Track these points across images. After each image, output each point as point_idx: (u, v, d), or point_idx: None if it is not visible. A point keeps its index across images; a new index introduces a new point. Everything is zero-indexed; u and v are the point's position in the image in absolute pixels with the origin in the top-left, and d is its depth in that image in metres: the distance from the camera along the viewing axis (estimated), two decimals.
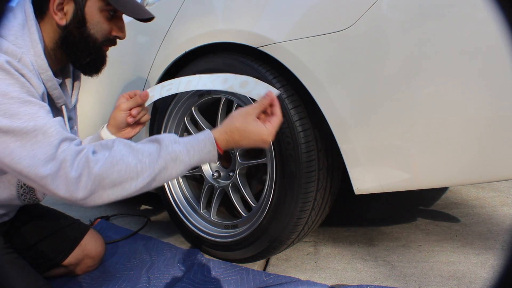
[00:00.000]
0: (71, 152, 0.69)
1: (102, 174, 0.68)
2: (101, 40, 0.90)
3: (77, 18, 0.85)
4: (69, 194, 0.68)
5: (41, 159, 0.67)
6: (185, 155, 0.74)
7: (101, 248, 1.24)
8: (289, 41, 0.93)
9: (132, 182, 0.70)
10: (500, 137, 0.76)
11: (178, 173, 0.75)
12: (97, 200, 0.70)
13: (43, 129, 0.69)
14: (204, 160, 0.78)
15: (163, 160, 0.72)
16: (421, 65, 0.79)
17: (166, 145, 0.74)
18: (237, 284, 1.06)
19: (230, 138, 0.78)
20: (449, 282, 1.01)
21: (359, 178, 0.90)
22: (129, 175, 0.70)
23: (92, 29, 0.87)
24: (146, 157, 0.72)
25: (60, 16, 0.84)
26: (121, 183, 0.70)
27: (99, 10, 0.87)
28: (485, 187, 1.86)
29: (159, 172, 0.72)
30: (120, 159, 0.70)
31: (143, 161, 0.71)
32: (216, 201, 1.26)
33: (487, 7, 0.70)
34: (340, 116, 0.89)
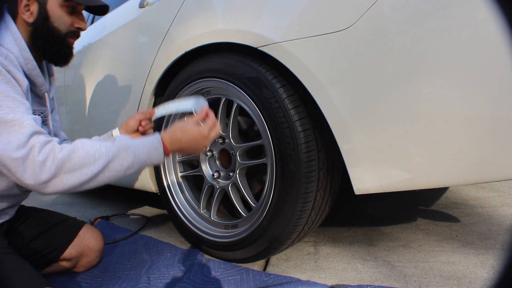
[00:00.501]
0: (41, 141, 0.80)
1: (64, 159, 0.80)
2: (64, 31, 1.03)
3: (41, 15, 1.00)
4: (34, 177, 0.78)
5: (14, 145, 0.78)
6: (135, 147, 0.88)
7: (100, 239, 1.25)
8: (289, 41, 0.93)
9: (89, 167, 0.82)
10: (500, 137, 0.76)
11: (129, 164, 0.87)
12: (57, 185, 0.80)
13: (20, 121, 0.81)
14: (152, 156, 0.91)
15: (116, 148, 0.86)
16: (421, 65, 0.79)
17: (120, 139, 0.89)
18: (237, 284, 1.06)
19: (173, 135, 0.94)
20: (449, 282, 1.01)
21: (359, 178, 0.90)
22: (87, 161, 0.82)
23: (55, 22, 1.01)
24: (103, 147, 0.85)
25: (28, 15, 0.99)
26: (80, 168, 0.81)
27: (59, 5, 1.02)
28: (485, 187, 1.86)
29: (112, 159, 0.85)
30: (81, 147, 0.83)
31: (100, 150, 0.84)
32: (216, 201, 1.26)
33: (487, 7, 0.70)
34: (340, 116, 0.89)
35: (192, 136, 0.94)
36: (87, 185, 0.84)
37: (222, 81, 1.12)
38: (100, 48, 1.76)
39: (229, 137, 1.16)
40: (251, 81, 1.04)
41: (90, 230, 1.24)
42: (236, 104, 1.13)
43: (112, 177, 0.86)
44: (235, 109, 1.13)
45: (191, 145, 0.95)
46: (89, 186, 0.84)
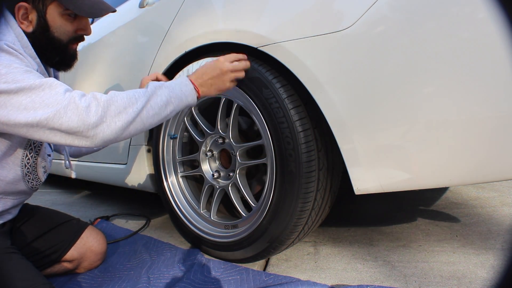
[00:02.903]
0: (77, 93, 0.81)
1: (108, 101, 0.81)
2: (66, 40, 1.00)
3: (40, 25, 0.95)
4: (82, 122, 0.78)
5: (52, 104, 0.78)
6: (168, 85, 0.92)
7: (103, 242, 1.25)
8: (289, 41, 0.93)
9: (133, 107, 0.84)
10: (500, 137, 0.76)
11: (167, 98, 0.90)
12: (106, 130, 0.80)
13: (48, 83, 0.80)
14: (185, 93, 0.94)
15: (151, 89, 0.89)
16: (421, 65, 0.79)
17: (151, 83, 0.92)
18: (237, 284, 1.06)
19: (196, 72, 0.99)
20: (449, 282, 1.01)
21: (359, 178, 0.90)
22: (129, 101, 0.84)
23: (56, 32, 0.97)
24: (139, 90, 0.89)
25: (26, 24, 0.94)
26: (124, 108, 0.83)
27: (59, 14, 0.96)
28: (485, 187, 1.86)
29: (150, 96, 0.87)
30: (119, 93, 0.85)
31: (138, 91, 0.87)
32: (216, 201, 1.26)
33: (487, 7, 0.70)
34: (340, 116, 0.89)
35: (211, 66, 0.98)
36: (133, 126, 0.84)
37: None
38: (100, 48, 1.76)
39: (229, 137, 1.16)
40: (251, 81, 1.04)
41: (94, 232, 1.24)
42: (236, 104, 1.13)
43: (155, 115, 0.88)
44: (235, 109, 1.13)
45: (214, 75, 0.98)
46: (134, 128, 0.85)
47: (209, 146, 1.28)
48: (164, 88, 0.91)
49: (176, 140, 1.35)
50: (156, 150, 1.38)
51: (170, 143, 1.36)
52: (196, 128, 1.31)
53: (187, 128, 1.31)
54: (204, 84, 0.98)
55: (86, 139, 0.80)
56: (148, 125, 0.88)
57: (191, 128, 1.29)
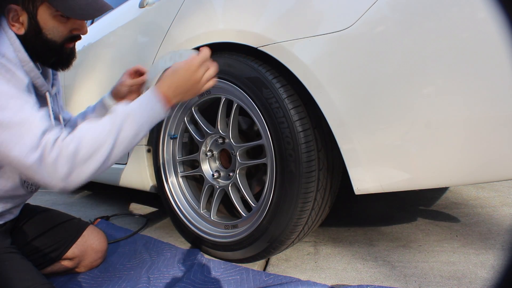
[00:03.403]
0: (51, 140, 0.79)
1: (74, 153, 0.78)
2: (60, 41, 0.95)
3: (32, 27, 0.91)
4: (51, 178, 0.78)
5: (28, 148, 0.76)
6: (136, 112, 0.87)
7: (103, 240, 1.25)
8: (289, 41, 0.93)
9: (100, 151, 0.81)
10: (500, 137, 0.76)
11: (135, 131, 0.86)
12: (77, 178, 0.80)
13: (29, 120, 0.79)
14: (155, 112, 0.89)
15: (119, 120, 0.84)
16: (421, 65, 0.79)
17: (117, 108, 0.87)
18: (237, 284, 1.06)
19: (166, 80, 0.91)
20: (449, 282, 1.01)
21: (359, 178, 0.90)
22: (96, 146, 0.81)
23: (49, 34, 0.92)
24: (105, 124, 0.83)
25: (18, 27, 0.90)
26: (92, 155, 0.80)
27: (51, 16, 0.91)
28: (485, 187, 1.86)
29: (118, 134, 0.83)
30: (85, 133, 0.81)
31: (104, 129, 0.83)
32: (216, 201, 1.26)
33: (487, 7, 0.70)
34: (340, 116, 0.89)
35: (182, 73, 0.90)
36: (105, 165, 0.83)
37: (222, 81, 1.12)
38: (100, 48, 1.76)
39: (229, 137, 1.16)
40: (251, 81, 1.04)
41: (95, 231, 1.24)
42: (236, 104, 1.13)
43: (125, 148, 0.86)
44: (235, 109, 1.13)
45: (186, 83, 0.91)
46: (108, 165, 0.84)
47: (209, 146, 1.28)
48: (131, 120, 0.85)
49: (176, 140, 1.35)
50: (156, 150, 1.38)
51: (170, 143, 1.36)
52: (196, 128, 1.31)
53: (187, 128, 1.31)
54: (177, 95, 0.92)
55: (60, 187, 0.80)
56: (121, 155, 0.87)
57: (191, 128, 1.29)
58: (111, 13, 1.74)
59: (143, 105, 0.88)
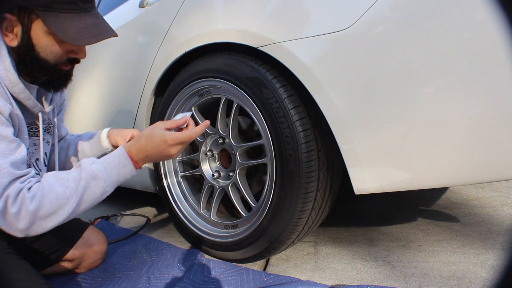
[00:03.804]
0: (15, 191, 0.77)
1: (35, 209, 0.77)
2: (54, 62, 0.87)
3: (24, 41, 0.83)
4: (13, 229, 0.78)
5: None
6: (103, 172, 0.85)
7: (103, 241, 1.25)
8: (289, 41, 0.93)
9: (64, 208, 0.81)
10: (500, 137, 0.76)
11: (102, 191, 0.86)
12: (38, 230, 0.80)
13: None
14: (123, 174, 0.88)
15: (84, 180, 0.83)
16: (421, 65, 0.79)
17: (85, 167, 0.85)
18: (237, 284, 1.06)
19: (138, 145, 0.89)
20: (449, 282, 1.01)
21: (359, 178, 0.90)
22: (60, 202, 0.80)
23: (42, 52, 0.85)
24: (71, 182, 0.82)
25: (11, 38, 0.83)
26: (55, 211, 0.80)
27: (45, 33, 0.83)
28: (485, 187, 1.86)
29: (83, 192, 0.83)
30: (49, 190, 0.79)
31: (69, 186, 0.82)
32: (216, 201, 1.26)
33: (487, 7, 0.70)
34: (340, 116, 0.89)
35: (155, 144, 0.89)
36: (68, 219, 0.83)
37: (222, 81, 1.12)
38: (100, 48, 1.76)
39: (229, 137, 1.16)
40: (251, 81, 1.04)
41: (94, 232, 1.24)
42: (236, 104, 1.13)
43: (89, 206, 0.86)
44: (235, 109, 1.13)
45: (157, 155, 0.90)
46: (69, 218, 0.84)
47: (209, 146, 1.28)
48: (98, 180, 0.84)
49: None
50: None
51: None
52: None
53: None
54: (145, 161, 0.91)
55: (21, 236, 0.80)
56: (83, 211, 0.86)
57: None
58: (111, 13, 1.74)
59: (111, 165, 0.87)
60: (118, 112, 1.58)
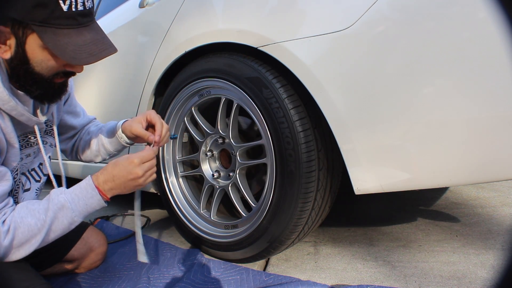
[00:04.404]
0: None
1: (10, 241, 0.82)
2: (49, 75, 0.83)
3: (18, 55, 0.79)
4: None
5: None
6: (70, 202, 0.87)
7: (103, 242, 1.25)
8: (289, 41, 0.93)
9: (36, 238, 0.85)
10: (500, 137, 0.76)
11: (70, 220, 0.88)
12: (13, 257, 0.85)
13: None
14: (91, 205, 0.89)
15: (52, 211, 0.85)
16: (421, 65, 0.79)
17: (53, 198, 0.87)
18: (237, 284, 1.06)
19: (106, 173, 0.90)
20: (449, 282, 1.01)
21: (359, 178, 0.90)
22: (32, 233, 0.84)
23: (37, 67, 0.81)
24: (41, 213, 0.85)
25: (4, 49, 0.78)
26: (27, 241, 0.84)
27: (41, 47, 0.78)
28: (485, 187, 1.86)
29: (51, 223, 0.86)
30: (21, 222, 0.83)
31: (40, 218, 0.85)
32: (216, 201, 1.26)
33: (487, 7, 0.70)
34: (340, 116, 0.89)
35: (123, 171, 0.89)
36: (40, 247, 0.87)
37: (222, 81, 1.12)
38: None
39: (229, 137, 1.16)
40: (251, 81, 1.04)
41: (94, 233, 1.24)
42: (236, 104, 1.13)
43: (59, 235, 0.89)
44: (235, 109, 1.13)
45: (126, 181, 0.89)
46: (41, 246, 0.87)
47: (209, 146, 1.28)
48: (66, 210, 0.86)
49: (176, 140, 1.35)
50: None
51: (170, 143, 1.36)
52: (196, 128, 1.31)
53: (187, 128, 1.31)
54: (115, 188, 0.90)
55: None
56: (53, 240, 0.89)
57: (191, 128, 1.29)
58: (111, 13, 1.74)
59: (79, 196, 0.88)
60: (118, 112, 1.58)
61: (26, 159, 0.97)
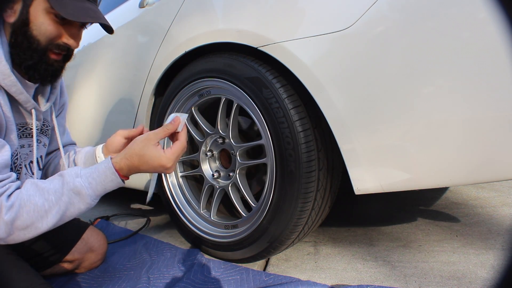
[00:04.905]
0: None
1: (12, 220, 0.75)
2: (44, 43, 0.85)
3: (21, 17, 0.83)
4: None
5: None
6: (88, 188, 0.81)
7: (103, 242, 1.25)
8: (289, 41, 0.93)
9: (42, 221, 0.78)
10: (500, 137, 0.76)
11: (87, 205, 0.82)
12: (16, 239, 0.78)
13: None
14: (109, 189, 0.84)
15: (67, 196, 0.79)
16: (421, 65, 0.79)
17: (67, 181, 0.80)
18: (237, 284, 1.06)
19: (130, 163, 0.84)
20: (449, 282, 1.01)
21: (359, 178, 0.90)
22: (38, 215, 0.77)
23: (35, 30, 0.84)
24: (51, 194, 0.79)
25: (9, 13, 0.83)
26: (32, 223, 0.77)
27: (44, 11, 0.83)
28: (485, 187, 1.86)
29: (66, 208, 0.80)
30: (27, 200, 0.76)
31: (49, 199, 0.78)
32: (216, 201, 1.26)
33: (487, 7, 0.70)
34: (340, 116, 0.89)
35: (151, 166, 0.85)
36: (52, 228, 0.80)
37: (222, 81, 1.12)
38: (100, 48, 1.76)
39: (229, 137, 1.16)
40: (251, 81, 1.04)
41: (94, 233, 1.24)
42: (236, 104, 1.13)
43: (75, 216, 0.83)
44: (235, 109, 1.13)
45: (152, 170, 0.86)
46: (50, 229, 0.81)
47: (209, 146, 1.28)
48: (83, 196, 0.80)
49: None
50: None
51: (170, 143, 1.36)
52: (196, 128, 1.31)
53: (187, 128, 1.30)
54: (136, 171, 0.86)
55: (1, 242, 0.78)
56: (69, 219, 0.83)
57: (191, 128, 1.29)
58: (111, 13, 1.74)
59: (97, 181, 0.82)
60: (118, 112, 1.58)
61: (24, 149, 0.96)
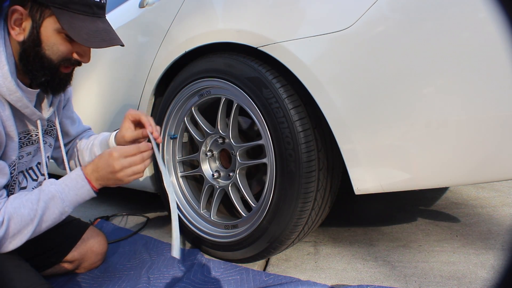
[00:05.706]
0: None
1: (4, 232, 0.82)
2: (57, 61, 0.87)
3: (32, 37, 0.83)
4: None
5: None
6: (61, 193, 0.88)
7: (103, 242, 1.25)
8: (289, 41, 0.93)
9: (28, 228, 0.85)
10: (500, 137, 0.76)
11: (61, 210, 0.89)
12: (7, 248, 0.85)
13: None
14: (81, 195, 0.91)
15: (43, 201, 0.86)
16: (421, 65, 0.79)
17: (44, 189, 0.88)
18: (237, 284, 1.06)
19: (93, 163, 0.91)
20: (449, 282, 1.01)
21: (359, 178, 0.90)
22: (25, 223, 0.84)
23: (48, 50, 0.85)
24: (34, 203, 0.86)
25: (18, 32, 0.83)
26: (20, 231, 0.85)
27: (56, 31, 0.84)
28: (485, 187, 1.86)
29: (43, 213, 0.86)
30: (14, 213, 0.84)
31: (32, 208, 0.85)
32: (216, 201, 1.26)
33: (487, 7, 0.70)
34: (340, 116, 0.89)
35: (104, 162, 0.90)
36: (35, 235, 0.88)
37: (222, 81, 1.12)
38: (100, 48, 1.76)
39: (229, 137, 1.16)
40: (251, 81, 1.04)
41: (94, 233, 1.23)
42: (236, 104, 1.13)
43: (50, 225, 0.90)
44: (235, 109, 1.13)
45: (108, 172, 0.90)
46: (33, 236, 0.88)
47: (209, 146, 1.28)
48: (57, 200, 0.87)
49: (176, 140, 1.35)
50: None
51: (170, 143, 1.36)
52: (196, 128, 1.31)
53: (187, 128, 1.31)
54: (101, 179, 0.91)
55: None
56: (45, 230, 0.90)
57: (191, 128, 1.29)
58: (111, 13, 1.74)
59: (69, 187, 0.89)
60: (118, 112, 1.58)
61: (26, 157, 0.98)
